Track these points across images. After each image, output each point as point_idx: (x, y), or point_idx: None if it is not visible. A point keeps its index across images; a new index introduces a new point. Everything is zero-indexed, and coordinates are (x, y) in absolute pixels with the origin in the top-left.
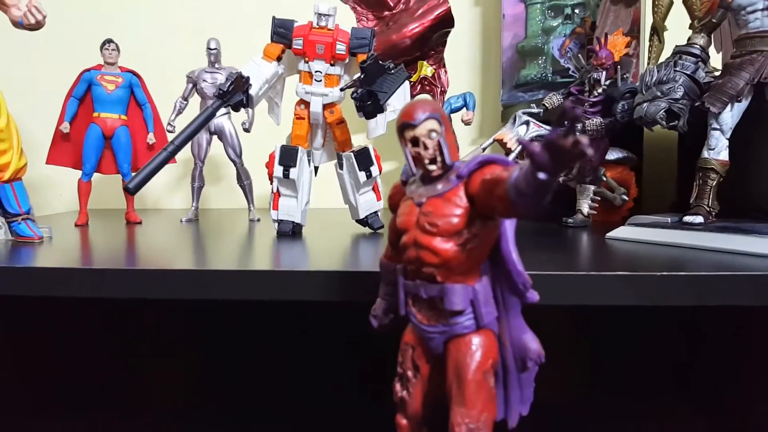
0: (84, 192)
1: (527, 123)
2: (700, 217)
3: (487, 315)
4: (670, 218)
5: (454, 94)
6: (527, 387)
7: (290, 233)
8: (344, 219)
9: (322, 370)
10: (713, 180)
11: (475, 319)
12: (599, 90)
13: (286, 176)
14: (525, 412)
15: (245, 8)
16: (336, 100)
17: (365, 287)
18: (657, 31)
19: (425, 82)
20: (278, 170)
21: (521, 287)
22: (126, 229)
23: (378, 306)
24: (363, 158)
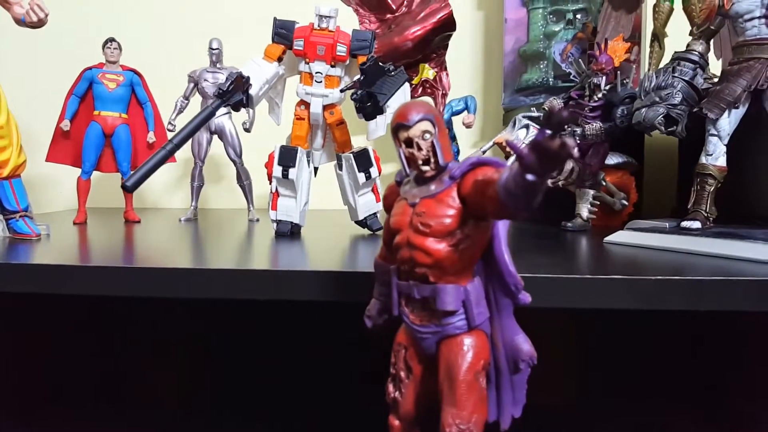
0: (83, 190)
1: (527, 126)
2: (698, 223)
3: (479, 316)
4: (668, 223)
5: (456, 98)
6: (520, 389)
7: (289, 234)
8: (343, 220)
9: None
10: (711, 186)
11: (467, 320)
12: (599, 95)
13: (285, 176)
14: (517, 415)
15: (247, 9)
16: (336, 102)
17: (362, 287)
18: (657, 38)
19: (427, 85)
20: (277, 170)
21: (513, 288)
22: (124, 228)
23: (372, 306)
24: (362, 159)
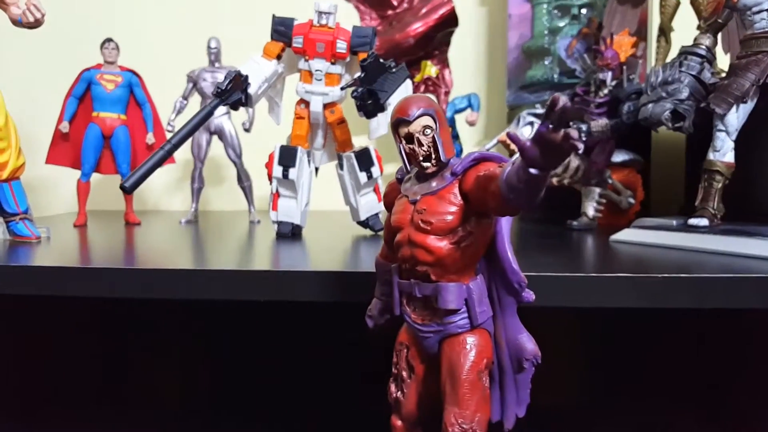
0: (83, 192)
1: (531, 124)
2: (705, 220)
3: (482, 314)
4: (675, 221)
5: (459, 95)
6: (523, 388)
7: (290, 235)
8: (345, 221)
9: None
10: (718, 182)
11: (470, 319)
12: (605, 91)
13: (286, 176)
14: (521, 414)
15: (246, 7)
16: (336, 100)
17: (363, 288)
18: (664, 32)
19: (429, 83)
20: (277, 170)
21: (517, 286)
22: (125, 230)
23: (373, 306)
24: (364, 159)
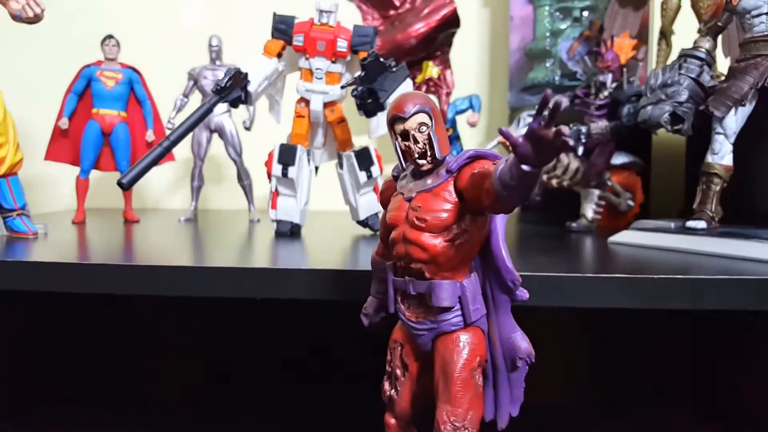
0: (82, 189)
1: None
2: (703, 222)
3: (476, 312)
4: (674, 223)
5: (460, 96)
6: (517, 387)
7: (289, 233)
8: (345, 220)
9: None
10: (717, 185)
11: (463, 317)
12: (605, 93)
13: (285, 175)
14: (515, 413)
15: (247, 5)
16: (337, 99)
17: (361, 286)
18: (665, 35)
19: (431, 83)
20: (277, 169)
21: (511, 284)
22: (123, 228)
23: (369, 304)
24: (363, 158)
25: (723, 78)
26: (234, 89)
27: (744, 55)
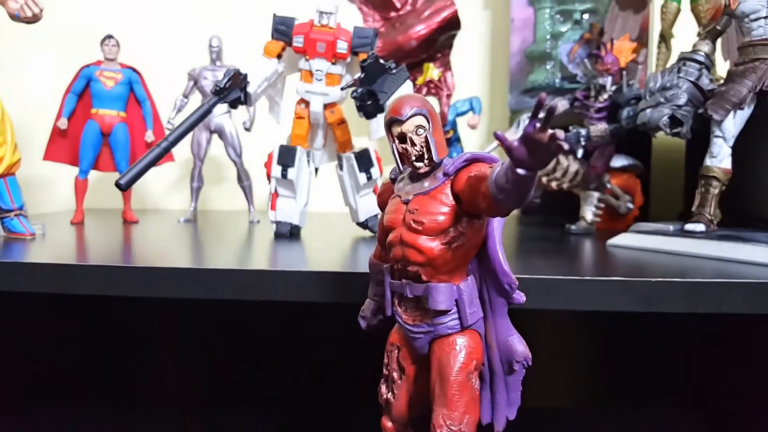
0: (80, 190)
1: None
2: (702, 225)
3: (472, 315)
4: (672, 226)
5: (461, 98)
6: (514, 390)
7: (288, 235)
8: (345, 222)
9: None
10: (715, 188)
11: (460, 320)
12: (604, 96)
13: (285, 176)
14: (512, 416)
15: (247, 6)
16: (337, 100)
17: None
18: (664, 38)
19: (431, 85)
20: (276, 170)
21: (507, 288)
22: (122, 228)
23: (367, 307)
24: (363, 160)
25: (722, 81)
26: (233, 90)
27: (742, 59)
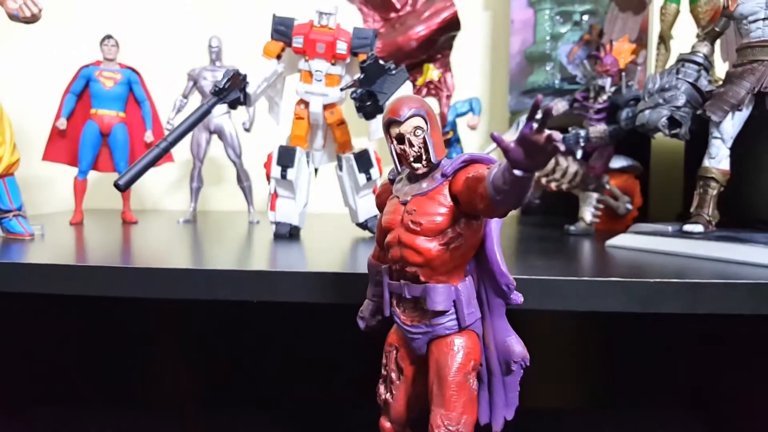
0: (80, 190)
1: None
2: (700, 226)
3: (470, 316)
4: (671, 227)
5: (461, 99)
6: (512, 391)
7: (288, 235)
8: (344, 223)
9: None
10: (714, 189)
11: (458, 320)
12: (604, 97)
13: (284, 177)
14: (510, 417)
15: (247, 6)
16: (336, 101)
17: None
18: (664, 40)
19: (431, 86)
20: (276, 171)
21: (505, 288)
22: (121, 229)
23: (365, 307)
24: (363, 160)
25: (720, 83)
26: (233, 90)
27: (741, 60)
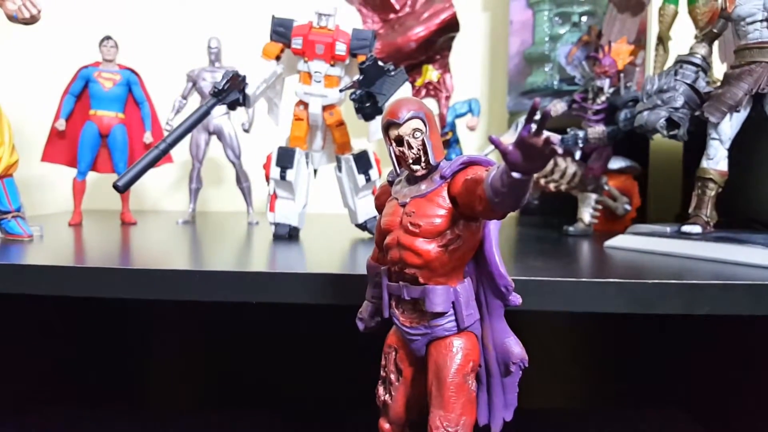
0: (78, 191)
1: None
2: (698, 227)
3: (469, 317)
4: (669, 228)
5: (460, 100)
6: (511, 392)
7: (287, 236)
8: (343, 224)
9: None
10: (711, 190)
11: (457, 322)
12: (602, 98)
13: (283, 178)
14: (509, 418)
15: (246, 7)
16: (335, 102)
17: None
18: (662, 41)
19: (430, 87)
20: (275, 172)
21: (504, 290)
22: (120, 230)
23: (364, 309)
24: (362, 161)
25: (718, 84)
26: (232, 92)
27: (739, 62)
